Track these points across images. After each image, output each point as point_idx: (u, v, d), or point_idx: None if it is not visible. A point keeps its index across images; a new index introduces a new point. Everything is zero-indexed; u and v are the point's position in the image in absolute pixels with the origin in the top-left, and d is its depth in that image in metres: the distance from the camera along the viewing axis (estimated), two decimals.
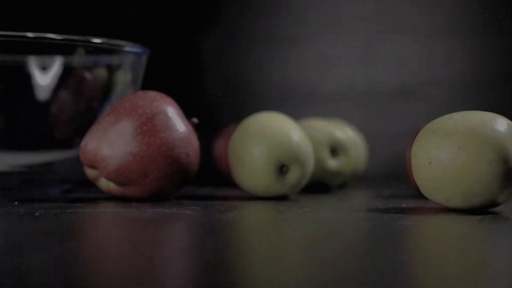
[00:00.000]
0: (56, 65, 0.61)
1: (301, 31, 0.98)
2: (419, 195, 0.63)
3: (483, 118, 0.48)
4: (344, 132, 0.73)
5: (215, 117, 0.94)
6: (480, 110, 0.96)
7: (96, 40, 0.58)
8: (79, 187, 0.65)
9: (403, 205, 0.53)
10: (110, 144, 0.53)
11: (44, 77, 0.61)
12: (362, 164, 0.75)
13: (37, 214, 0.44)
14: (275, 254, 0.30)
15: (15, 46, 0.59)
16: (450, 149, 0.47)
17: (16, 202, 0.51)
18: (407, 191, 0.69)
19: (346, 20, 0.97)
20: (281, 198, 0.59)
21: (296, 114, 0.97)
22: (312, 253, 0.31)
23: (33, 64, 0.61)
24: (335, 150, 0.67)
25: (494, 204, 0.48)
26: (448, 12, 0.96)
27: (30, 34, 0.58)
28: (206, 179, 0.81)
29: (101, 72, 0.62)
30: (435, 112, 0.96)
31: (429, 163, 0.48)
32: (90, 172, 0.55)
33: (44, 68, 0.61)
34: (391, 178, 0.90)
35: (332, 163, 0.66)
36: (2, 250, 0.31)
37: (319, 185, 0.67)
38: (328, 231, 0.38)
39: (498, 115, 0.49)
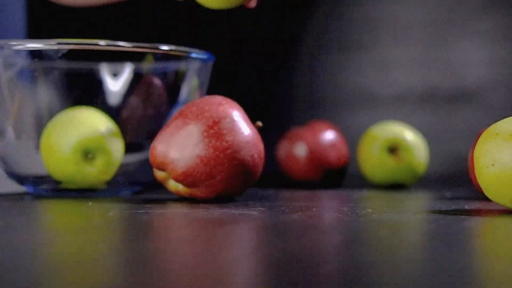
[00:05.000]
0: (127, 71, 0.63)
1: (363, 36, 0.98)
2: (482, 197, 0.63)
3: None
4: (405, 134, 0.73)
5: (279, 121, 0.95)
6: None
7: (165, 47, 0.60)
8: (149, 188, 0.67)
9: (466, 207, 0.53)
10: (178, 147, 0.54)
11: (115, 83, 0.63)
12: (423, 165, 0.75)
13: (110, 214, 0.46)
14: (341, 254, 0.31)
15: (88, 54, 0.61)
16: None
17: (90, 203, 0.53)
18: (470, 193, 0.68)
19: (407, 25, 0.97)
20: (342, 198, 0.59)
21: (358, 116, 0.98)
22: (376, 254, 0.31)
23: (104, 71, 0.63)
24: (395, 150, 0.68)
25: None
26: (508, 16, 0.95)
27: (102, 42, 0.60)
28: (270, 180, 0.82)
29: (169, 78, 0.64)
30: (495, 115, 0.95)
31: (492, 165, 0.48)
32: (159, 174, 0.56)
33: (115, 75, 0.63)
34: (452, 179, 0.89)
35: (389, 163, 0.67)
36: (77, 249, 0.32)
37: (395, 185, 0.67)
38: (391, 232, 0.39)
39: None
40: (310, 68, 0.98)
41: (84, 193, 0.61)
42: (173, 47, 0.61)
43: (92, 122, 0.58)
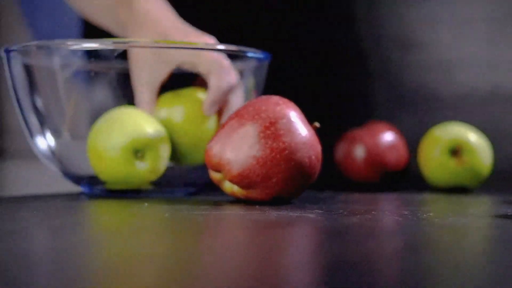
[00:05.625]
0: (181, 70, 0.62)
1: (422, 35, 0.96)
2: None
3: None
4: (468, 135, 0.71)
5: (336, 121, 0.94)
6: None
7: (221, 47, 0.60)
8: (204, 190, 0.66)
9: None
10: (234, 148, 0.54)
11: (174, 82, 0.63)
12: (487, 168, 0.73)
13: (166, 215, 0.45)
14: (401, 259, 0.30)
15: None
16: None
17: (145, 204, 0.53)
18: None
19: (468, 23, 0.95)
20: (402, 201, 0.58)
21: (419, 117, 0.96)
22: (439, 260, 0.30)
23: None
24: (457, 152, 0.66)
25: None
26: None
27: (156, 42, 0.60)
28: (327, 182, 0.81)
29: None
30: None
31: None
32: (214, 175, 0.56)
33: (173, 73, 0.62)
34: None
35: (452, 165, 0.65)
36: (135, 250, 0.32)
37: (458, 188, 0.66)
38: (454, 237, 0.37)
39: None
40: (368, 68, 0.97)
41: (139, 194, 0.61)
42: (229, 47, 0.60)
43: (139, 121, 0.58)
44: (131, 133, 0.57)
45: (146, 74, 0.60)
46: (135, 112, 0.58)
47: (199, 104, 0.61)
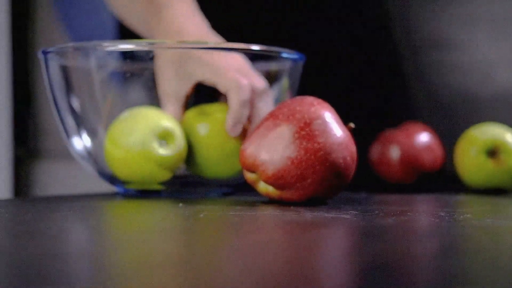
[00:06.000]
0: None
1: (459, 35, 0.95)
2: None
3: None
4: (506, 136, 0.70)
5: (371, 122, 0.94)
6: None
7: (256, 47, 0.60)
8: (238, 190, 0.66)
9: None
10: (268, 149, 0.54)
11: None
12: None
13: (201, 215, 0.45)
14: (438, 261, 0.30)
15: None
16: None
17: (180, 204, 0.53)
18: None
19: (506, 21, 0.94)
20: (438, 202, 0.57)
21: (455, 118, 0.95)
22: (476, 263, 0.30)
23: None
24: (495, 153, 0.65)
25: None
26: None
27: (191, 43, 0.60)
28: (362, 183, 0.81)
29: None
30: None
31: None
32: (249, 176, 0.56)
33: None
34: None
35: (489, 167, 0.64)
36: (171, 249, 0.32)
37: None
38: (493, 239, 0.37)
39: None
40: (403, 69, 0.96)
41: (174, 194, 0.61)
42: (264, 47, 0.60)
43: (158, 115, 0.58)
44: (153, 123, 0.57)
45: (169, 86, 0.60)
46: (152, 109, 0.59)
47: (224, 120, 0.60)
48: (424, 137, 0.77)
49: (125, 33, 0.84)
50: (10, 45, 1.36)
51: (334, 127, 0.54)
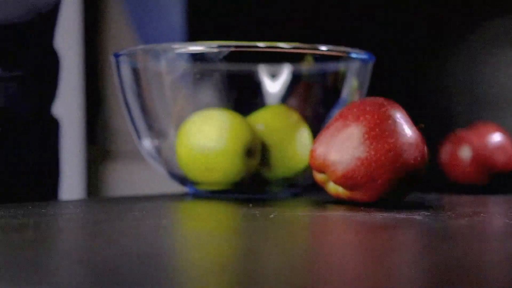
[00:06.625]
0: (285, 72, 0.62)
1: None
2: None
3: None
4: None
5: (442, 122, 0.92)
6: None
7: (324, 48, 0.60)
8: (307, 191, 0.66)
9: None
10: (338, 149, 0.53)
11: (274, 84, 0.63)
12: None
13: (271, 216, 0.46)
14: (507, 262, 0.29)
15: (247, 56, 0.61)
16: None
17: (250, 205, 0.54)
18: None
19: None
20: None
21: None
22: None
23: (263, 72, 0.63)
24: None
25: None
26: None
27: (260, 44, 0.60)
28: (432, 184, 0.80)
29: (329, 79, 0.63)
30: None
31: None
32: (318, 177, 0.56)
33: (273, 76, 0.63)
34: None
35: None
36: (244, 250, 0.32)
37: None
38: None
39: None
40: (473, 67, 0.95)
41: (243, 195, 0.61)
42: (332, 48, 0.60)
43: (227, 119, 0.59)
44: (224, 124, 0.58)
45: None
46: (223, 110, 0.60)
47: (284, 120, 0.61)
48: (496, 137, 0.76)
49: (195, 35, 0.85)
50: (82, 48, 1.39)
51: (405, 128, 0.54)
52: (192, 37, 0.97)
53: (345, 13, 0.97)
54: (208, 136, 0.58)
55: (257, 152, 0.59)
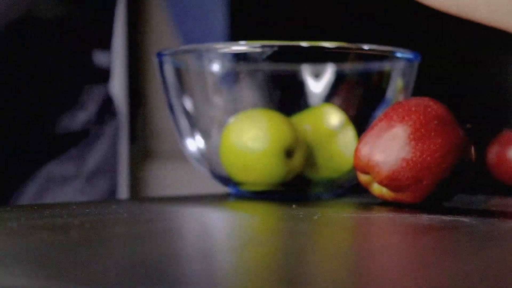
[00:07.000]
0: (329, 72, 0.62)
1: None
2: None
3: None
4: None
5: (489, 123, 0.91)
6: None
7: (368, 47, 0.59)
8: (351, 192, 0.66)
9: None
10: (383, 150, 0.53)
11: (317, 84, 0.62)
12: None
13: (315, 217, 0.45)
14: None
15: (289, 55, 0.61)
16: None
17: (293, 206, 0.53)
18: None
19: None
20: None
21: None
22: None
23: (306, 72, 0.63)
24: None
25: None
26: None
27: (304, 43, 0.60)
28: (479, 185, 0.78)
29: (373, 79, 0.63)
30: None
31: None
32: (363, 177, 0.55)
33: (317, 76, 0.62)
34: None
35: None
36: (289, 251, 0.32)
37: None
38: None
39: None
40: None
41: (286, 196, 0.61)
42: (377, 47, 0.59)
43: (284, 121, 0.59)
44: (282, 131, 0.57)
45: None
46: (267, 111, 0.59)
47: (329, 120, 0.60)
48: None
49: (237, 35, 0.85)
50: (126, 48, 1.41)
51: (451, 128, 0.53)
52: (235, 37, 0.97)
53: (392, 12, 0.96)
54: (249, 137, 0.58)
55: (299, 153, 0.59)
